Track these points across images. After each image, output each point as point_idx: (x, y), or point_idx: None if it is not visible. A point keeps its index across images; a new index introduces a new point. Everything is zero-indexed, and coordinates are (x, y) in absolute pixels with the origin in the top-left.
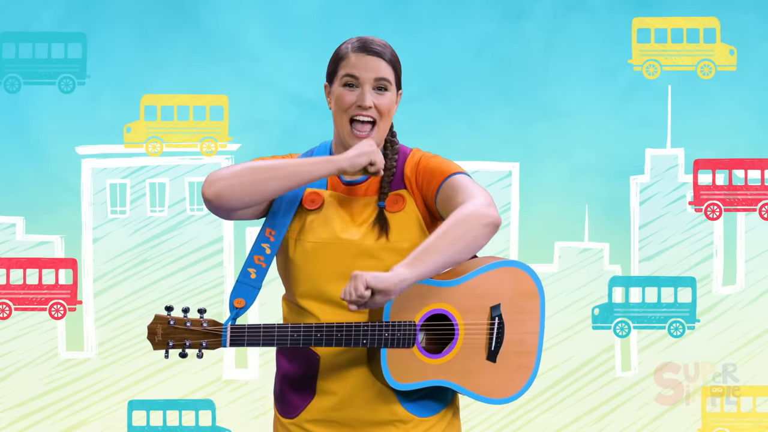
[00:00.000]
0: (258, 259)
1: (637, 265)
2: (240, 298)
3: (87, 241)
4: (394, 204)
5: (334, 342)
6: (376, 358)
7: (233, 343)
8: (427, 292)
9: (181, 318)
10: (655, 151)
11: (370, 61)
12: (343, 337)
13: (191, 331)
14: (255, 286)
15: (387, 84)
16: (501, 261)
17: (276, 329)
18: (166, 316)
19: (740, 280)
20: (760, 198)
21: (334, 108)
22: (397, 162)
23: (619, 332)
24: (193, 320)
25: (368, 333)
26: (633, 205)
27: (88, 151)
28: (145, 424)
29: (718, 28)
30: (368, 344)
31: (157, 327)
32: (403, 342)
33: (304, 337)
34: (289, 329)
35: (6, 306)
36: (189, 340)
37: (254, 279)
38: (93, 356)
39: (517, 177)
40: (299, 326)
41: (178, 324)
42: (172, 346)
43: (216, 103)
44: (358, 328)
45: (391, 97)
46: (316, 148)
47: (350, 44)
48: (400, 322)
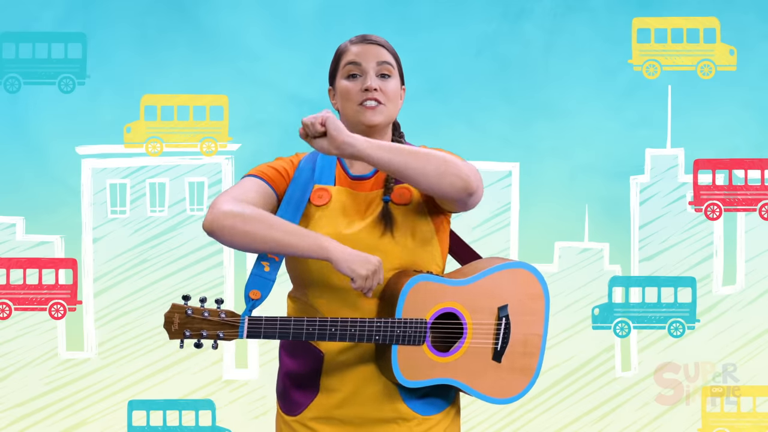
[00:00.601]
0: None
1: (637, 265)
2: (255, 289)
3: (87, 241)
4: (400, 197)
5: (347, 337)
6: (386, 356)
7: (250, 335)
8: (438, 290)
9: (199, 308)
10: (655, 151)
11: (371, 48)
12: (357, 333)
13: (208, 321)
14: (269, 278)
15: (390, 69)
16: (509, 262)
17: (292, 322)
18: (184, 305)
19: (740, 280)
20: (760, 198)
21: (341, 102)
22: None
23: (619, 332)
24: (210, 310)
25: (381, 329)
26: (633, 205)
27: (88, 151)
28: (145, 424)
29: (718, 28)
30: (380, 340)
31: (174, 316)
32: (414, 339)
33: (319, 331)
34: (305, 323)
35: (6, 306)
36: (206, 330)
37: (268, 272)
38: (93, 356)
39: (517, 177)
40: (315, 320)
41: (195, 314)
42: (188, 336)
43: (216, 103)
44: (372, 324)
45: (395, 84)
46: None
47: (349, 41)
48: (413, 319)
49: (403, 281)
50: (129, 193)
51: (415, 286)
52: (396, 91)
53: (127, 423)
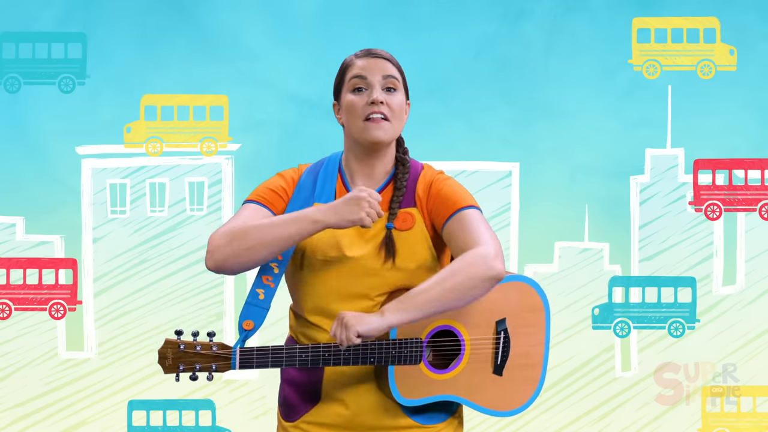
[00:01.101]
0: (266, 279)
1: (637, 265)
2: (249, 320)
3: (87, 241)
4: (403, 222)
5: (341, 361)
6: (383, 375)
7: (243, 366)
8: None
9: (191, 342)
10: (655, 151)
11: (376, 62)
12: (351, 356)
13: (201, 355)
14: (264, 306)
15: (395, 83)
16: (506, 276)
17: (284, 351)
18: (176, 340)
19: (740, 280)
20: (760, 198)
21: (346, 116)
22: (408, 179)
23: (619, 332)
24: (202, 344)
25: (375, 351)
26: (633, 205)
27: (88, 151)
28: (145, 424)
29: (718, 28)
30: (375, 362)
31: (167, 351)
32: (410, 359)
33: (312, 358)
34: (297, 350)
35: (6, 306)
36: (199, 364)
37: (263, 300)
38: (93, 356)
39: (517, 177)
40: (307, 347)
41: (188, 348)
42: (182, 370)
43: (216, 103)
44: (365, 347)
45: (401, 98)
46: (325, 159)
47: (354, 54)
48: (407, 339)
49: None
50: (129, 193)
51: None
52: (401, 106)
53: (127, 423)
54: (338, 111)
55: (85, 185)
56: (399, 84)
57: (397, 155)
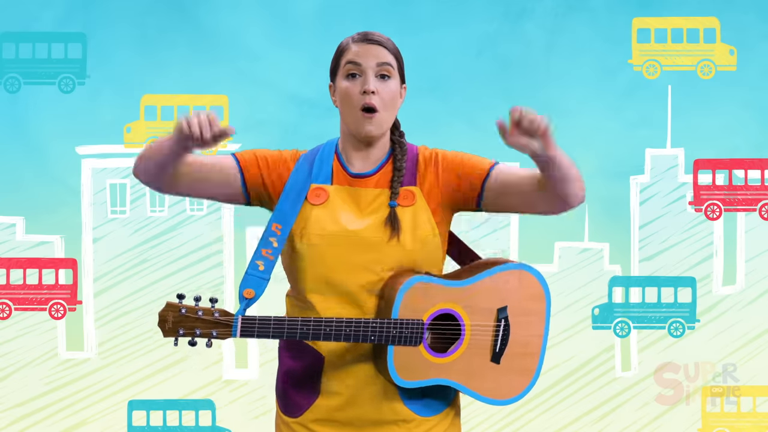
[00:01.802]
0: (266, 252)
1: (637, 265)
2: (249, 288)
3: (87, 241)
4: (404, 199)
5: (342, 337)
6: (382, 355)
7: (243, 334)
8: (436, 291)
9: (193, 307)
10: (655, 151)
11: (371, 48)
12: (352, 332)
13: (202, 320)
14: (264, 277)
15: (390, 70)
16: (509, 263)
17: (286, 322)
18: (178, 304)
19: (740, 280)
20: (760, 198)
21: (341, 103)
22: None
23: (619, 332)
24: (204, 309)
25: (376, 329)
26: (633, 205)
27: (88, 151)
28: (145, 424)
29: (718, 28)
30: (376, 341)
31: (168, 314)
32: (410, 340)
33: (314, 331)
34: (299, 323)
35: (6, 306)
36: (199, 329)
37: (263, 271)
38: (93, 356)
39: None
40: (309, 320)
41: (189, 312)
42: (182, 334)
43: (216, 103)
44: (367, 324)
45: (395, 85)
46: (322, 145)
47: (351, 38)
48: (409, 320)
49: (400, 281)
50: (129, 193)
51: (412, 286)
52: (394, 93)
53: (127, 423)
54: (333, 93)
55: (85, 185)
56: (393, 71)
57: (394, 137)
